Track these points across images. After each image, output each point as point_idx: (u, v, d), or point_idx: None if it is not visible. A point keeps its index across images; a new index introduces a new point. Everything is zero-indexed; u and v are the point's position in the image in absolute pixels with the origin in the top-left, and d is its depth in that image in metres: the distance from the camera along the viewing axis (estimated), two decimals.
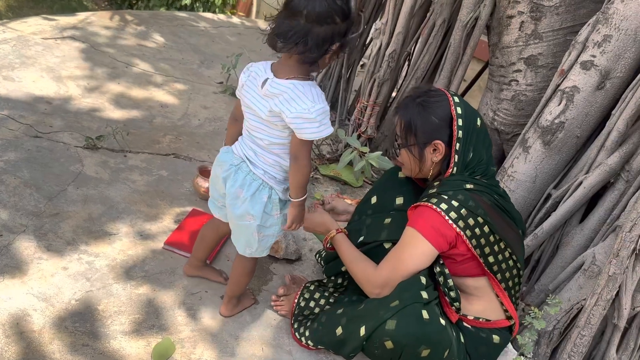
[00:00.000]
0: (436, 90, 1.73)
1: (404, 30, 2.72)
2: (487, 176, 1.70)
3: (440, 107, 1.65)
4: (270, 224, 1.61)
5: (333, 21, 1.37)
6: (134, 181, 2.38)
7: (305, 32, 1.36)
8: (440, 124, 1.65)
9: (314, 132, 1.43)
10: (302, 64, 1.43)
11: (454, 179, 1.65)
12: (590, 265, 1.89)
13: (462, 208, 1.58)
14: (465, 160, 1.66)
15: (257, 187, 1.55)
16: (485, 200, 1.63)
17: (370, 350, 1.57)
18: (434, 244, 1.58)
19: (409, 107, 1.68)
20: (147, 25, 4.35)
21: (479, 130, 1.67)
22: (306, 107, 1.40)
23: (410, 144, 1.68)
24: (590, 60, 2.09)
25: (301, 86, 1.43)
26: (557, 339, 1.98)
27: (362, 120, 2.92)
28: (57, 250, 1.89)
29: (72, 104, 2.84)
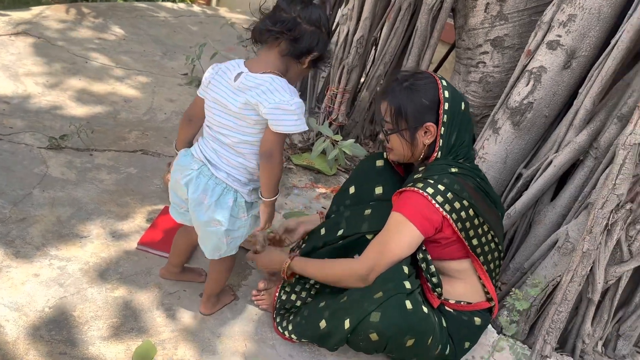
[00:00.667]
0: (423, 72, 1.73)
1: (370, 15, 2.70)
2: (469, 160, 1.72)
3: (429, 89, 1.65)
4: (239, 226, 1.59)
5: (319, 28, 1.45)
6: (102, 180, 2.31)
7: (294, 25, 1.41)
8: (430, 105, 1.64)
9: (291, 125, 1.41)
10: (283, 56, 1.44)
11: (439, 163, 1.66)
12: (564, 243, 1.93)
13: (448, 192, 1.59)
14: (449, 144, 1.66)
15: (220, 191, 1.52)
16: (470, 183, 1.65)
17: (355, 342, 1.58)
18: (420, 228, 1.58)
19: (396, 92, 1.66)
20: (105, 17, 4.21)
21: (463, 113, 1.68)
22: (285, 99, 1.40)
23: (401, 129, 1.67)
24: (556, 40, 2.11)
25: (279, 80, 1.43)
26: (534, 316, 2.02)
27: (332, 107, 2.90)
28: (27, 256, 1.82)
29: (32, 103, 2.74)
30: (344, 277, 1.66)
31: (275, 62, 1.45)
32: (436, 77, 1.67)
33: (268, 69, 1.44)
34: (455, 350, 1.71)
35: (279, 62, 1.45)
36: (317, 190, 2.67)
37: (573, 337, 2.05)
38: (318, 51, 1.47)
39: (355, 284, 1.62)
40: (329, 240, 1.81)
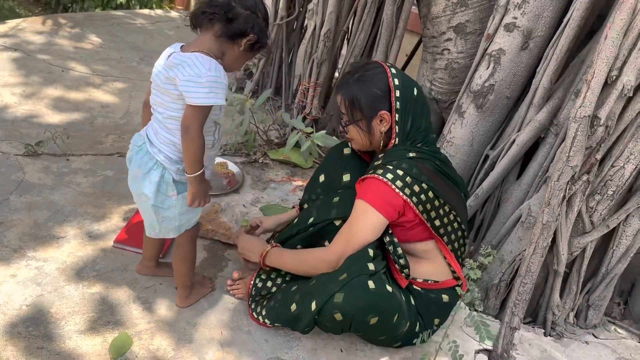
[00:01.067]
0: (373, 63, 1.78)
1: (335, 9, 2.76)
2: (428, 143, 1.76)
3: (379, 79, 1.70)
4: (169, 205, 1.61)
5: (254, 12, 1.50)
6: (78, 184, 2.35)
7: (229, 7, 1.47)
8: (382, 94, 1.69)
9: (201, 98, 1.43)
10: (217, 37, 1.49)
11: (397, 149, 1.71)
12: (527, 217, 1.99)
13: (407, 176, 1.63)
14: (405, 129, 1.71)
15: (151, 166, 1.56)
16: (428, 166, 1.69)
17: (323, 323, 1.62)
18: (383, 213, 1.63)
19: (349, 84, 1.73)
20: (81, 27, 4.25)
21: (416, 99, 1.73)
22: (198, 72, 1.43)
23: (357, 119, 1.73)
24: (512, 22, 2.17)
25: (201, 57, 1.46)
26: (504, 291, 2.08)
27: (305, 102, 2.95)
28: (4, 258, 1.86)
29: (9, 113, 2.78)
30: (316, 265, 1.71)
31: (208, 43, 1.50)
32: (385, 66, 1.73)
33: (198, 49, 1.48)
34: (425, 326, 1.76)
35: (213, 44, 1.50)
36: (294, 184, 2.72)
37: (544, 310, 2.11)
38: (254, 34, 1.51)
39: (327, 270, 1.67)
40: (300, 229, 1.86)
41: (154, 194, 1.57)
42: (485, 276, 2.13)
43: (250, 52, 1.56)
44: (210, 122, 1.57)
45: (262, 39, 1.54)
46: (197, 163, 1.51)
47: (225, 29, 1.49)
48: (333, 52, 2.99)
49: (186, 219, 1.66)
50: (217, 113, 1.58)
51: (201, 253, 2.10)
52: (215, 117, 1.58)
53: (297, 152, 2.80)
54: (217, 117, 1.59)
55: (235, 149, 2.86)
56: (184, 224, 1.67)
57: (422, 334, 1.69)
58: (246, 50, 1.54)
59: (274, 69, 3.46)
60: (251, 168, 2.79)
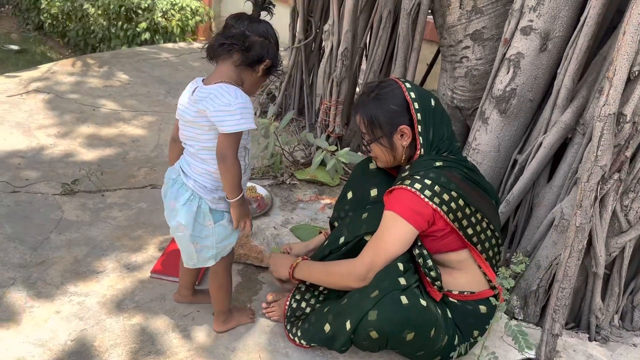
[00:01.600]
0: (386, 81, 1.80)
1: (351, 27, 2.79)
2: (453, 152, 1.76)
3: (395, 95, 1.73)
4: (206, 234, 1.64)
5: (267, 39, 1.57)
6: (114, 218, 2.43)
7: (244, 37, 1.54)
8: (400, 109, 1.71)
9: (234, 125, 1.49)
10: (237, 66, 1.56)
11: (423, 159, 1.71)
12: (560, 220, 1.95)
13: (435, 185, 1.63)
14: (428, 139, 1.72)
15: (188, 197, 1.61)
16: (456, 175, 1.68)
17: (359, 342, 1.62)
18: (413, 224, 1.63)
19: (366, 104, 1.76)
20: (109, 65, 4.41)
21: (434, 109, 1.74)
22: (228, 101, 1.49)
23: (378, 137, 1.74)
24: (528, 26, 2.16)
25: (226, 87, 1.52)
26: (543, 297, 2.04)
27: (328, 120, 2.98)
28: (48, 296, 1.93)
29: (45, 154, 2.89)
30: (344, 278, 1.72)
31: (228, 72, 1.56)
32: (399, 81, 1.75)
33: (220, 80, 1.54)
34: (463, 339, 1.74)
35: (232, 73, 1.56)
36: (322, 202, 2.74)
37: (586, 314, 2.06)
38: (269, 59, 1.58)
39: (356, 284, 1.67)
40: (333, 249, 1.86)
41: (192, 225, 1.61)
42: (522, 283, 2.10)
43: (266, 76, 1.63)
44: (241, 148, 1.61)
45: (275, 63, 1.62)
46: (237, 187, 1.58)
47: (244, 57, 1.55)
48: (352, 69, 3.02)
49: (222, 247, 1.70)
50: (246, 138, 1.63)
51: (235, 277, 2.13)
52: (244, 142, 1.63)
53: (323, 171, 2.83)
54: (246, 142, 1.64)
55: (263, 172, 2.90)
56: (220, 252, 1.70)
57: (459, 347, 1.67)
58: (262, 75, 1.62)
59: (296, 91, 3.52)
60: (279, 190, 2.82)
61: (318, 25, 3.31)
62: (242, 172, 1.62)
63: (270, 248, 2.27)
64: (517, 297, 2.09)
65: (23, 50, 6.05)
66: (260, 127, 2.75)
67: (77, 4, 5.89)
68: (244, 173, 1.66)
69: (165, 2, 5.70)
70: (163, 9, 5.65)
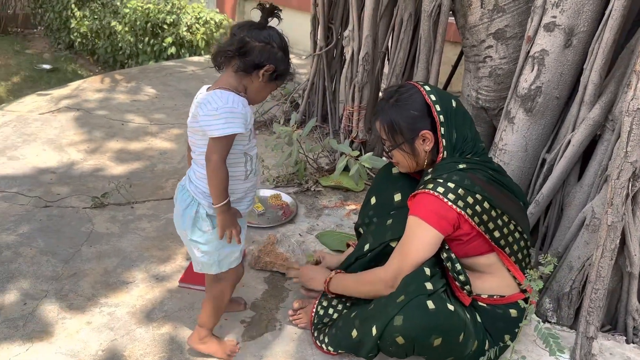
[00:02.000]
0: (405, 85, 1.79)
1: (371, 32, 2.78)
2: (478, 153, 1.73)
3: (414, 100, 1.71)
4: (206, 240, 1.63)
5: (269, 44, 1.54)
6: (143, 229, 2.47)
7: (244, 42, 1.52)
8: (420, 114, 1.70)
9: (219, 129, 1.48)
10: (236, 72, 1.54)
11: (446, 162, 1.69)
12: (592, 220, 1.90)
13: (459, 188, 1.61)
14: (451, 142, 1.69)
15: (188, 202, 1.62)
16: (480, 177, 1.65)
17: (386, 348, 1.60)
18: (438, 228, 1.61)
19: (385, 110, 1.74)
20: (137, 80, 4.50)
21: (456, 111, 1.71)
22: (215, 106, 1.48)
23: (399, 143, 1.73)
24: (552, 22, 2.12)
25: (220, 92, 1.51)
26: (576, 299, 1.98)
27: (351, 126, 2.97)
28: (79, 307, 1.97)
29: (75, 169, 2.96)
30: (374, 286, 1.71)
31: (228, 79, 1.55)
32: (418, 85, 1.73)
33: (219, 86, 1.54)
34: (494, 344, 1.70)
35: (232, 80, 1.55)
36: (347, 208, 2.73)
37: (623, 316, 1.99)
38: (270, 64, 1.54)
39: (385, 291, 1.66)
40: (359, 255, 1.86)
41: (191, 229, 1.62)
42: (555, 285, 2.04)
43: (272, 82, 1.59)
44: (239, 154, 1.60)
45: (279, 68, 1.57)
46: (221, 193, 1.55)
47: (241, 63, 1.53)
48: (374, 74, 3.01)
49: (225, 254, 1.67)
50: (245, 144, 1.61)
51: (262, 285, 2.14)
52: (243, 148, 1.61)
53: (347, 177, 2.82)
54: (245, 148, 1.62)
55: (287, 180, 2.91)
56: (224, 260, 1.68)
57: (489, 351, 1.63)
58: (267, 81, 1.58)
59: (319, 98, 3.52)
60: (304, 197, 2.82)
61: (339, 31, 3.32)
62: (242, 179, 1.63)
63: (305, 256, 2.26)
64: (550, 299, 2.03)
65: (55, 69, 6.23)
66: (284, 135, 2.76)
67: (105, 22, 6.04)
68: (245, 179, 1.65)
69: (189, 16, 5.80)
70: (188, 23, 5.75)
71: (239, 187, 1.64)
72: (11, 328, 1.85)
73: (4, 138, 3.25)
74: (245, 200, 1.69)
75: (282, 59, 1.56)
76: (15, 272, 2.12)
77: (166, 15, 5.71)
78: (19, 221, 2.45)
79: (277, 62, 1.55)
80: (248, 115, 1.56)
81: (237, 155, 1.60)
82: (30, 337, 1.82)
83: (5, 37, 7.38)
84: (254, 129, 1.68)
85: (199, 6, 6.02)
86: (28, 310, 1.94)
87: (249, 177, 1.66)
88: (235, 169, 1.61)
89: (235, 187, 1.63)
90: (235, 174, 1.61)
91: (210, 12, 6.01)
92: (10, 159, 3.00)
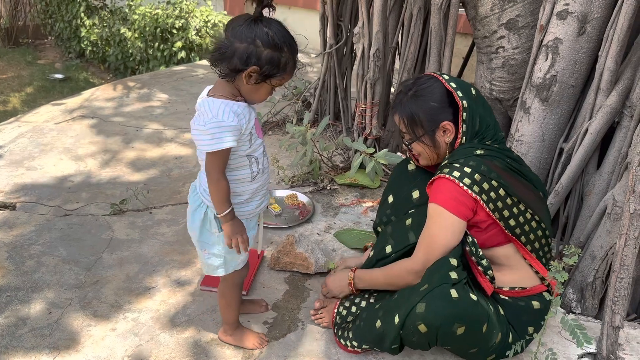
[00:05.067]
0: (423, 77, 1.77)
1: (381, 28, 2.77)
2: (497, 141, 1.72)
3: (434, 90, 1.70)
4: (212, 242, 1.64)
5: (253, 43, 1.42)
6: (163, 234, 2.48)
7: (226, 45, 1.44)
8: (440, 105, 1.69)
9: (206, 145, 1.46)
10: (221, 77, 1.49)
11: (464, 147, 1.68)
12: (613, 208, 1.88)
13: (475, 173, 1.59)
14: (474, 127, 1.68)
15: (198, 203, 1.63)
16: (497, 164, 1.64)
17: (408, 338, 1.58)
18: (458, 214, 1.60)
19: (404, 103, 1.73)
20: (149, 86, 4.53)
21: (476, 98, 1.71)
22: (204, 120, 1.45)
23: (420, 136, 1.72)
24: (564, 10, 2.09)
25: (211, 102, 1.47)
26: (600, 289, 1.96)
27: (364, 123, 2.97)
28: (103, 314, 1.99)
29: (93, 177, 2.99)
30: (402, 276, 1.71)
31: (222, 84, 1.51)
32: (436, 75, 1.72)
33: (214, 93, 1.51)
34: (518, 337, 1.69)
35: (225, 84, 1.50)
36: (364, 205, 2.73)
37: None
38: (256, 65, 1.44)
39: (415, 282, 1.65)
40: (380, 258, 1.85)
41: (199, 230, 1.63)
42: (578, 275, 2.02)
43: (265, 82, 1.49)
44: (242, 158, 1.57)
45: (266, 67, 1.45)
46: (222, 203, 1.54)
47: (224, 69, 1.46)
48: (385, 70, 3.00)
49: (231, 257, 1.68)
50: (247, 148, 1.56)
51: (282, 285, 2.15)
52: (246, 152, 1.57)
53: (363, 174, 2.81)
54: (247, 151, 1.57)
55: (303, 179, 2.91)
56: (230, 262, 1.69)
57: (515, 344, 1.62)
58: (256, 82, 1.48)
59: (330, 96, 3.52)
60: (320, 196, 2.82)
61: (348, 28, 3.31)
62: (249, 181, 1.61)
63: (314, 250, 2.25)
64: (573, 290, 2.02)
65: (67, 78, 6.30)
66: (297, 135, 2.76)
67: (115, 29, 6.09)
68: (252, 180, 1.62)
69: (198, 20, 5.82)
70: (197, 27, 5.77)
71: (245, 189, 1.63)
72: (38, 337, 1.88)
73: (21, 149, 3.29)
74: (254, 200, 1.67)
75: (270, 57, 1.44)
76: (39, 282, 2.15)
77: (175, 19, 5.74)
78: (40, 231, 2.48)
79: (263, 62, 1.44)
80: (243, 121, 1.50)
81: (240, 159, 1.57)
82: (57, 345, 1.85)
83: (17, 48, 7.47)
84: (261, 130, 1.65)
85: (207, 9, 6.05)
86: (53, 319, 1.96)
87: (256, 178, 1.63)
88: (240, 172, 1.59)
89: (242, 189, 1.62)
90: (240, 176, 1.59)
91: (218, 15, 6.03)
92: (28, 169, 3.04)
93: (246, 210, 1.66)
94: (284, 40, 1.45)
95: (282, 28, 1.47)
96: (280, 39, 1.44)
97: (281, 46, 1.45)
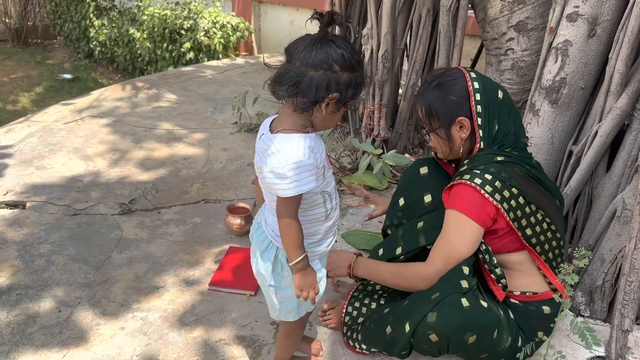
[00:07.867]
0: (452, 69, 1.75)
1: (390, 29, 2.77)
2: (518, 148, 1.69)
3: (457, 84, 1.66)
4: (285, 285, 1.50)
5: (330, 68, 1.27)
6: (171, 234, 2.50)
7: (299, 75, 1.27)
8: (460, 101, 1.65)
9: (284, 189, 1.31)
10: (295, 111, 1.32)
11: (483, 153, 1.65)
12: (623, 211, 1.87)
13: (496, 180, 1.57)
14: (491, 133, 1.66)
15: (266, 246, 1.49)
16: (517, 171, 1.62)
17: (419, 345, 1.59)
18: (478, 221, 1.57)
19: (425, 93, 1.71)
20: (157, 87, 4.55)
21: (501, 102, 1.67)
22: (279, 162, 1.29)
23: (435, 127, 1.70)
24: (574, 12, 2.09)
25: (286, 138, 1.32)
26: (610, 292, 1.95)
27: (372, 124, 2.97)
28: (112, 313, 2.00)
29: (102, 177, 3.01)
30: (413, 281, 1.66)
31: (292, 117, 1.35)
32: (464, 70, 1.68)
33: (282, 127, 1.35)
34: (527, 341, 1.68)
35: (297, 117, 1.34)
36: (372, 207, 2.72)
37: None
38: (335, 92, 1.28)
39: (424, 288, 1.62)
40: (390, 258, 1.81)
41: (271, 274, 1.49)
42: (587, 278, 2.02)
43: (342, 107, 1.35)
44: (316, 195, 1.42)
45: (344, 92, 1.30)
46: (295, 249, 1.39)
47: (301, 103, 1.30)
48: (393, 71, 3.00)
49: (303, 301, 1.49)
50: (321, 183, 1.41)
51: None
52: (319, 188, 1.42)
53: (370, 175, 2.81)
54: (320, 187, 1.42)
55: None
56: (302, 304, 1.54)
57: (525, 347, 1.61)
58: (333, 110, 1.33)
59: None
60: None
61: (356, 30, 3.32)
62: (322, 220, 1.46)
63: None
64: (582, 293, 2.01)
65: (76, 79, 6.34)
66: None
67: (124, 30, 6.12)
68: (325, 219, 1.47)
69: (206, 21, 5.84)
70: (205, 28, 5.79)
71: (319, 229, 1.47)
72: (48, 335, 1.89)
73: (30, 148, 3.31)
74: (326, 239, 1.52)
75: (349, 80, 1.29)
76: (48, 280, 2.16)
77: (183, 20, 5.76)
78: (49, 230, 2.50)
79: (342, 87, 1.29)
80: (318, 155, 1.35)
81: (314, 197, 1.42)
82: (67, 343, 1.86)
83: (26, 48, 7.53)
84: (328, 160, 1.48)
85: (215, 10, 6.07)
86: (63, 317, 1.98)
87: (330, 215, 1.48)
88: (314, 212, 1.44)
89: (315, 229, 1.47)
90: (314, 216, 1.45)
91: (226, 16, 6.05)
92: (38, 169, 3.06)
93: (317, 250, 1.50)
94: (357, 58, 1.31)
95: (349, 45, 1.32)
96: (355, 57, 1.30)
97: (355, 66, 1.30)
